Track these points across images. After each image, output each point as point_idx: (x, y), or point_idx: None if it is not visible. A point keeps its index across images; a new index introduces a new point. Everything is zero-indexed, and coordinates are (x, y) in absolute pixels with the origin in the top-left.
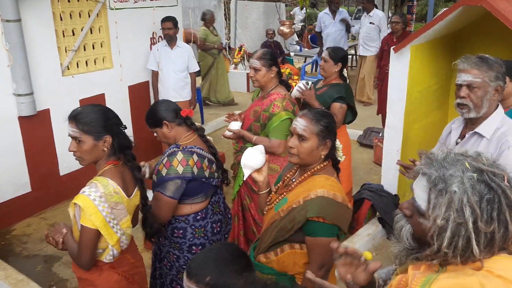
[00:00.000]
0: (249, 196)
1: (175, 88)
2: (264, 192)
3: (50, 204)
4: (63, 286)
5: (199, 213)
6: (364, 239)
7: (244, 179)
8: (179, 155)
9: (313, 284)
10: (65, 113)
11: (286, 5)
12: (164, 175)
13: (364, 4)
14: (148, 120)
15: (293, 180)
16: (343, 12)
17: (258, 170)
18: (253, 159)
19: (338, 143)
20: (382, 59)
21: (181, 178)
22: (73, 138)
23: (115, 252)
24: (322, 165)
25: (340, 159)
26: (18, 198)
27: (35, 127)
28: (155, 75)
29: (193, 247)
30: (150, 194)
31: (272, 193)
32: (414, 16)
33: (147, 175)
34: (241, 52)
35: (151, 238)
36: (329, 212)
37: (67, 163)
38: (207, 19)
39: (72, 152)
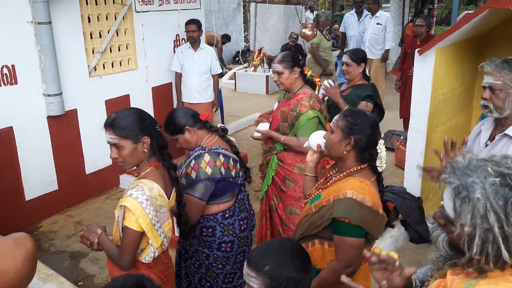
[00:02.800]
0: (277, 196)
1: (197, 90)
2: (309, 175)
3: (76, 202)
4: (90, 282)
5: (227, 212)
6: (387, 241)
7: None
8: (206, 157)
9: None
10: (91, 113)
11: (311, 9)
12: (194, 177)
13: (370, 5)
14: (168, 128)
15: (332, 178)
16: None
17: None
18: (317, 139)
19: (383, 152)
20: (405, 62)
21: (211, 179)
22: (113, 145)
23: (156, 253)
24: (358, 167)
25: (379, 168)
26: (45, 195)
27: (62, 126)
28: (178, 76)
29: (222, 244)
30: None
31: (313, 188)
32: (435, 19)
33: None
34: (261, 55)
35: (186, 236)
36: (355, 214)
37: (93, 162)
38: (321, 22)
39: (114, 159)
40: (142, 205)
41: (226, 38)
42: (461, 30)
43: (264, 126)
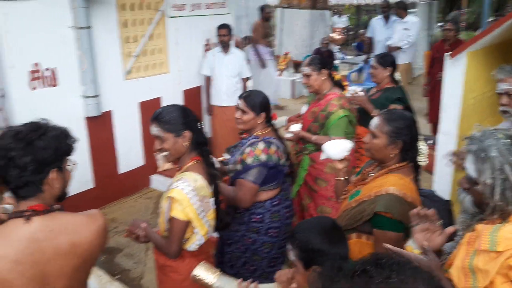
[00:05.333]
0: (308, 196)
1: (227, 93)
2: (341, 179)
3: (110, 200)
4: (126, 276)
5: (275, 199)
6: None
7: (321, 159)
8: (261, 145)
9: (391, 251)
10: (126, 114)
11: (339, 14)
12: (249, 163)
13: (398, 10)
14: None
15: (370, 175)
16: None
17: (340, 160)
18: (333, 149)
19: (424, 147)
20: (433, 66)
21: (264, 165)
22: (156, 137)
23: (203, 240)
24: (399, 165)
25: (422, 163)
26: (82, 193)
27: (99, 127)
28: (208, 80)
29: (270, 230)
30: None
31: (350, 184)
32: (463, 24)
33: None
34: (286, 59)
35: (220, 231)
36: (397, 209)
37: (126, 162)
38: None
39: (158, 150)
40: (188, 196)
41: (248, 39)
42: (493, 33)
43: (296, 127)
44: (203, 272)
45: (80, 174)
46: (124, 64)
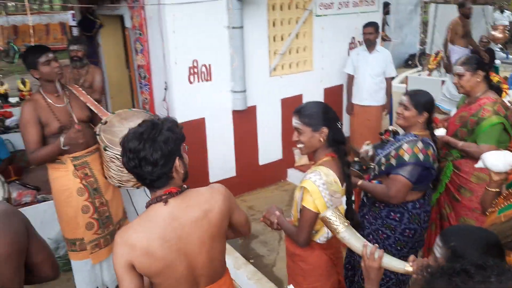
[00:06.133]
0: (449, 205)
1: (369, 92)
2: (492, 190)
3: (249, 189)
4: (260, 261)
5: (417, 202)
6: None
7: (476, 166)
8: (420, 144)
9: None
10: (268, 110)
11: (501, 9)
12: (406, 159)
13: None
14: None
15: None
16: None
17: (497, 172)
18: (496, 161)
19: None
20: None
21: (421, 165)
22: (296, 129)
23: (330, 234)
24: None
25: None
26: (225, 180)
27: (243, 120)
28: (350, 78)
29: (406, 230)
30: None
31: (500, 197)
32: None
33: (370, 153)
34: (437, 58)
35: None
36: None
37: (266, 154)
38: None
39: (295, 142)
40: (319, 188)
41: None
42: None
43: (440, 132)
44: (334, 217)
45: (224, 162)
46: (270, 61)
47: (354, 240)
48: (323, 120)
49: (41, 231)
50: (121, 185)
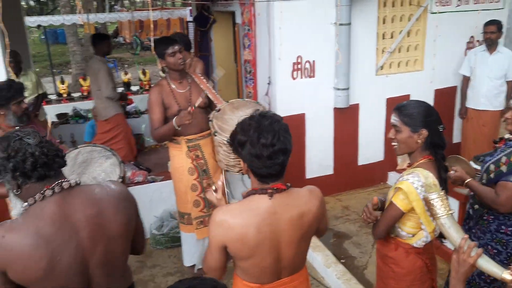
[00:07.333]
0: None
1: (486, 96)
2: None
3: (345, 188)
4: (351, 262)
5: None
6: None
7: None
8: None
9: None
10: (372, 109)
11: None
12: None
13: None
14: None
15: None
16: None
17: None
18: None
19: None
20: None
21: None
22: (393, 126)
23: (429, 238)
24: None
25: None
26: (322, 177)
27: (345, 119)
28: (466, 80)
29: None
30: None
31: None
32: None
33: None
34: None
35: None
36: None
37: (366, 155)
38: None
39: (391, 139)
40: (417, 190)
41: None
42: None
43: None
44: (439, 201)
45: (322, 159)
46: (377, 59)
47: (454, 230)
48: (423, 122)
49: (149, 209)
50: (228, 169)
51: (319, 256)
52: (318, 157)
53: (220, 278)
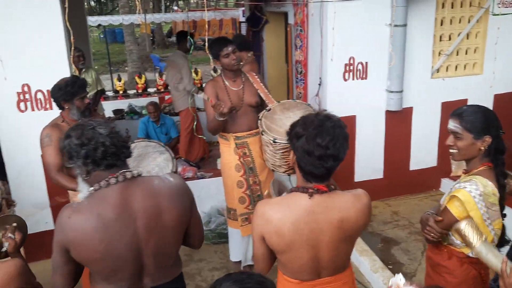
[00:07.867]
0: None
1: None
2: None
3: (395, 193)
4: (399, 268)
5: None
6: None
7: None
8: None
9: None
10: (426, 113)
11: None
12: None
13: None
14: None
15: None
16: None
17: None
18: None
19: None
20: None
21: None
22: (453, 133)
23: None
24: None
25: None
26: (371, 181)
27: (397, 122)
28: None
29: None
30: None
31: None
32: None
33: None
34: None
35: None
36: None
37: (418, 160)
38: None
39: (449, 146)
40: (475, 200)
41: None
42: None
43: None
44: (470, 229)
45: (372, 162)
46: (432, 62)
47: (492, 256)
48: (487, 128)
49: (197, 205)
50: (274, 169)
51: (366, 261)
52: (368, 160)
53: (266, 271)
